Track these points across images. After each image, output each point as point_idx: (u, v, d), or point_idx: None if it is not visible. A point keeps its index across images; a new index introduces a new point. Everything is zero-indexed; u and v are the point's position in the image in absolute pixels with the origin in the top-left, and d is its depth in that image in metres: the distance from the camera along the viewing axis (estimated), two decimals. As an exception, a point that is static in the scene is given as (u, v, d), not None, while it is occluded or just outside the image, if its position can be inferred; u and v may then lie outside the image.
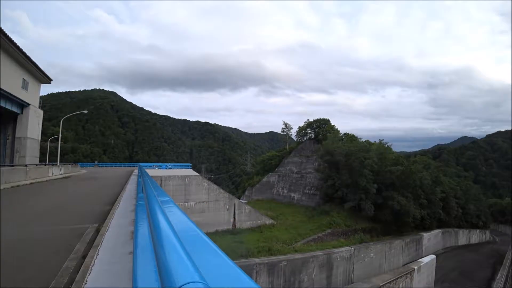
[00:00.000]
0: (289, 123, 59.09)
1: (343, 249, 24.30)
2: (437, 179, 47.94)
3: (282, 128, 59.22)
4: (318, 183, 38.30)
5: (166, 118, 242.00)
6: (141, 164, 32.33)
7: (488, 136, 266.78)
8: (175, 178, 22.34)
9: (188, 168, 28.19)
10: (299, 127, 53.59)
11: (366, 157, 34.34)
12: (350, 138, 48.22)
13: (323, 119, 51.42)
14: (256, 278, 17.41)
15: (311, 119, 52.97)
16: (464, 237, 53.76)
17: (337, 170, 35.03)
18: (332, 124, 51.50)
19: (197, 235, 2.34)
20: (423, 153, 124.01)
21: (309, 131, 52.48)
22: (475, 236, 58.23)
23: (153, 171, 23.71)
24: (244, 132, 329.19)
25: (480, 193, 74.82)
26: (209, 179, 48.23)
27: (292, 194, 41.51)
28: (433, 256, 30.83)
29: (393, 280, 23.88)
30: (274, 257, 19.26)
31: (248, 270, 17.04)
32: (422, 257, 32.07)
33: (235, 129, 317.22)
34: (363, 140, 46.29)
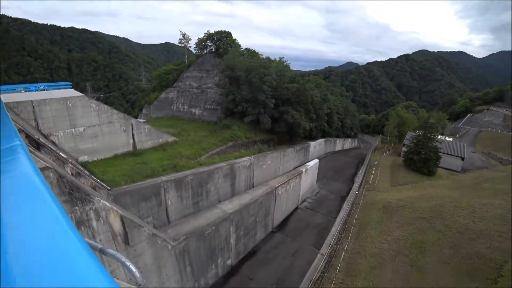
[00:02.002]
0: (187, 33, 53.50)
1: (244, 159, 26.25)
2: (325, 97, 54.24)
3: (180, 39, 53.34)
4: (219, 98, 38.15)
5: (24, 23, 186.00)
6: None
7: (368, 63, 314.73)
8: (53, 102, 17.91)
9: (68, 88, 22.92)
10: (199, 38, 49.20)
11: (266, 73, 35.19)
12: (251, 53, 47.76)
13: (225, 32, 48.15)
14: (165, 195, 17.64)
15: (211, 31, 49.09)
16: (340, 144, 65.63)
17: (238, 85, 35.23)
18: (234, 38, 49.10)
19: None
20: (315, 73, 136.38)
21: (210, 44, 49.00)
22: (347, 144, 71.74)
23: (19, 96, 18.34)
24: (135, 42, 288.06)
25: (355, 110, 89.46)
26: (98, 99, 42.33)
27: (193, 110, 40.60)
28: (317, 160, 36.67)
29: (286, 181, 27.90)
30: (180, 173, 19.36)
31: (156, 189, 17.01)
32: (308, 161, 37.88)
33: (124, 38, 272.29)
34: (264, 56, 46.83)
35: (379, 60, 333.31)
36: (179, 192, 18.76)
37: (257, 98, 33.88)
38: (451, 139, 61.86)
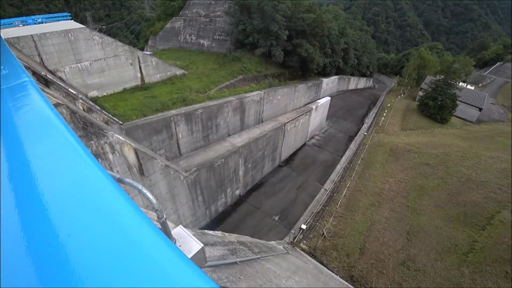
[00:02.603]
0: None
1: (254, 93, 25.72)
2: (343, 31, 50.25)
3: None
4: (229, 28, 35.46)
5: None
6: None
7: None
8: (55, 36, 16.58)
9: (67, 20, 21.04)
10: None
11: (280, 1, 32.15)
12: (264, -23, 42.87)
13: None
14: (175, 128, 17.81)
15: None
16: (354, 83, 63.36)
17: (249, 14, 32.33)
18: None
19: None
20: (335, 3, 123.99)
21: None
22: (362, 83, 69.20)
23: (17, 30, 16.80)
24: None
25: (374, 47, 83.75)
26: (100, 30, 39.63)
27: (201, 41, 38.20)
28: (328, 98, 35.87)
29: (295, 118, 27.79)
30: (189, 107, 19.24)
31: (166, 123, 17.10)
32: (320, 99, 37.13)
33: None
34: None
35: None
36: (189, 125, 18.94)
37: (269, 29, 31.49)
38: (472, 88, 58.89)
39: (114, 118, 14.76)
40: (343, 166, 26.64)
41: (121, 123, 14.99)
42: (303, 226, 18.78)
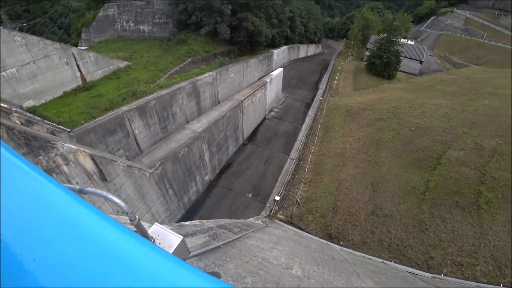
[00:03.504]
0: None
1: (206, 75, 24.87)
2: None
3: None
4: (169, 9, 33.29)
5: None
6: None
7: None
8: None
9: None
10: None
11: (219, -26, 30.71)
12: None
13: None
14: (130, 125, 16.80)
15: None
16: (304, 51, 64.07)
17: None
18: None
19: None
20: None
21: None
22: (311, 50, 70.22)
23: None
24: None
25: (319, 13, 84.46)
26: (21, 29, 34.96)
27: (141, 27, 35.49)
28: (281, 69, 35.93)
29: (251, 94, 27.55)
30: (141, 100, 18.12)
31: (120, 121, 16.04)
32: (272, 71, 37.04)
33: None
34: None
35: None
36: (144, 119, 17.99)
37: (211, 5, 30.12)
38: (412, 43, 62.57)
39: (60, 126, 13.51)
40: (304, 134, 27.34)
41: (69, 130, 13.77)
42: (277, 198, 19.24)
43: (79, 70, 20.80)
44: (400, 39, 47.57)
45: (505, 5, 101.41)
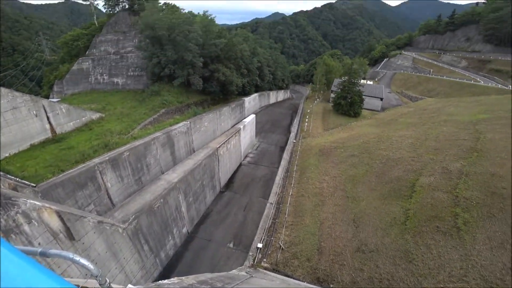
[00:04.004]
0: None
1: (180, 124, 25.07)
2: (254, 51, 53.58)
3: None
4: (143, 62, 34.66)
5: None
6: None
7: (294, 13, 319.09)
8: None
9: None
10: None
11: (190, 30, 32.71)
12: (172, 9, 43.43)
13: None
14: (102, 178, 16.17)
15: None
16: (274, 97, 67.20)
17: (161, 46, 32.20)
18: None
19: None
20: (243, 26, 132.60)
21: (122, 0, 43.00)
22: (280, 95, 73.84)
23: None
24: (24, 3, 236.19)
25: (285, 62, 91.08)
26: None
27: (115, 80, 36.36)
28: (253, 115, 37.03)
29: (226, 141, 27.77)
30: (114, 151, 17.70)
31: (91, 174, 15.40)
32: (245, 118, 38.07)
33: None
34: (186, 11, 43.13)
35: (305, 9, 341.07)
36: (117, 171, 17.39)
37: (184, 58, 31.71)
38: (371, 83, 68.08)
39: (23, 181, 12.71)
40: (281, 177, 27.43)
41: (34, 185, 12.95)
42: (259, 245, 18.44)
43: (49, 122, 20.28)
44: (360, 80, 51.64)
45: (442, 46, 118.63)
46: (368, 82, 67.75)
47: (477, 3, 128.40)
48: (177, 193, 19.33)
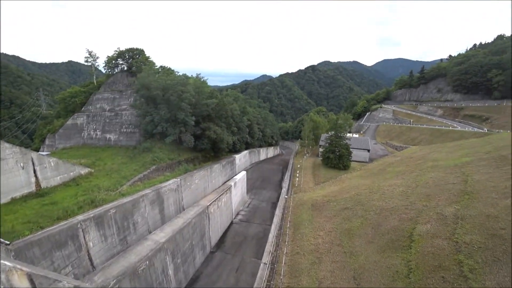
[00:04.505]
0: (94, 51, 48.88)
1: (171, 181, 24.72)
2: (244, 110, 56.12)
3: (86, 58, 48.29)
4: (136, 120, 35.63)
5: None
6: None
7: (281, 75, 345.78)
8: None
9: None
10: (108, 56, 45.45)
11: (184, 90, 34.51)
12: (167, 71, 46.43)
13: (137, 49, 45.57)
14: (84, 236, 15.27)
15: (122, 48, 45.73)
16: (264, 153, 68.22)
17: (155, 105, 33.56)
18: (147, 55, 47.10)
19: None
20: (233, 87, 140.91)
21: (121, 62, 45.66)
22: (270, 152, 75.11)
23: None
24: (30, 61, 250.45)
25: (273, 120, 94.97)
26: None
27: (108, 136, 36.82)
28: (244, 172, 37.03)
29: (217, 198, 27.19)
30: (100, 208, 16.99)
31: (72, 232, 14.56)
32: (236, 175, 37.96)
33: (14, 56, 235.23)
34: (180, 73, 46.11)
35: (290, 71, 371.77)
36: (101, 230, 16.48)
37: (176, 117, 32.80)
38: (357, 135, 70.67)
39: None
40: (274, 234, 26.36)
41: (8, 243, 11.96)
42: (253, 312, 16.84)
43: (35, 176, 19.64)
44: (346, 134, 53.52)
45: (417, 97, 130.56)
46: (354, 135, 70.31)
47: (441, 60, 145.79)
48: (164, 254, 18.13)
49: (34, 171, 19.68)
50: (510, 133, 42.35)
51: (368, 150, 56.20)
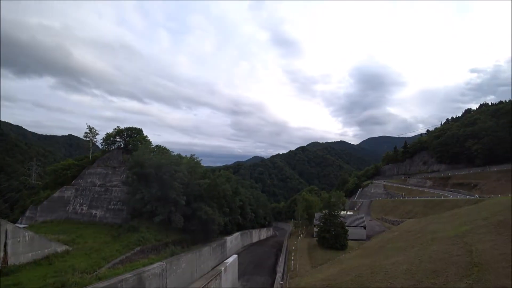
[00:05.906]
0: (94, 128, 50.13)
1: (155, 265, 22.76)
2: (236, 190, 56.01)
3: (86, 133, 49.30)
4: (125, 197, 34.82)
5: None
6: None
7: (272, 156, 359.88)
8: None
9: None
10: (107, 133, 46.98)
11: (177, 170, 35.04)
12: (162, 150, 47.79)
13: (136, 128, 47.51)
14: None
15: (121, 127, 47.52)
16: (256, 235, 65.03)
17: (147, 182, 33.42)
18: (145, 135, 48.96)
19: None
20: (225, 168, 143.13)
21: (119, 140, 46.90)
22: (263, 233, 71.75)
23: None
24: (30, 131, 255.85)
25: (266, 200, 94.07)
26: None
27: (94, 211, 35.21)
28: (235, 256, 34.79)
29: (205, 285, 24.88)
30: None
31: None
32: (227, 258, 35.49)
33: (17, 126, 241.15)
34: (175, 153, 47.36)
35: (281, 152, 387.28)
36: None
37: (167, 196, 32.46)
38: (351, 213, 69.40)
39: None
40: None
41: None
42: None
43: (5, 250, 17.75)
44: (340, 212, 52.62)
45: (405, 171, 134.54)
46: (349, 212, 68.97)
47: (421, 134, 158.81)
48: None
49: (5, 245, 18.14)
50: (503, 198, 42.63)
51: (364, 227, 54.54)
